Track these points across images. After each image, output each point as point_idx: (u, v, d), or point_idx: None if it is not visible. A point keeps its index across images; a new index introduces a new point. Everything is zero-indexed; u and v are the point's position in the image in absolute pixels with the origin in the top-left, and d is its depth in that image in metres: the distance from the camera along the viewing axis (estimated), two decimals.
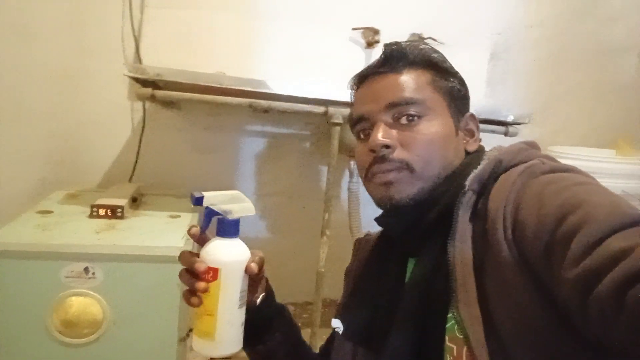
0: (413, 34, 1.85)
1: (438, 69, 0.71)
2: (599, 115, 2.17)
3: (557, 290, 0.50)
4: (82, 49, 1.71)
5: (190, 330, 1.28)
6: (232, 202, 0.62)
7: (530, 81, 2.10)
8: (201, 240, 0.65)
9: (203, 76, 1.34)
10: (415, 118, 0.68)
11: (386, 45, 0.73)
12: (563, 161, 1.88)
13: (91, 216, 1.32)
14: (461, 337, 0.58)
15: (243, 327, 0.63)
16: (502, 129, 1.52)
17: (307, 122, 1.90)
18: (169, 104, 1.76)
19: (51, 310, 1.07)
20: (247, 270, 0.62)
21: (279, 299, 0.79)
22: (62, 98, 1.71)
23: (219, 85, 1.30)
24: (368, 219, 1.85)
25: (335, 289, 2.00)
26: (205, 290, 0.59)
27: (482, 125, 1.52)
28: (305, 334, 1.63)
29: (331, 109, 1.40)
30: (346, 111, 1.41)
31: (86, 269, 1.10)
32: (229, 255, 0.60)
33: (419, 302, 0.67)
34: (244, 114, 1.84)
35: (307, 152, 1.95)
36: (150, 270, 1.12)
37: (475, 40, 1.92)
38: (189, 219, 1.42)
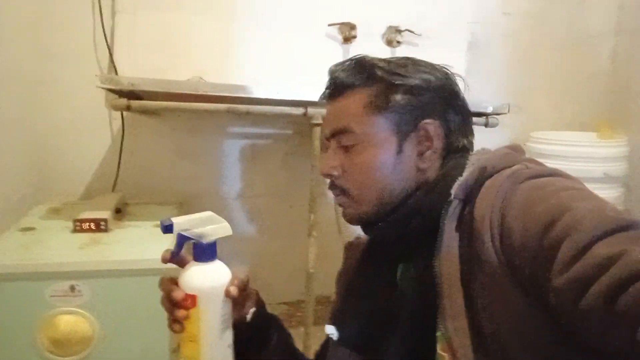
0: (389, 27, 1.84)
1: (379, 86, 0.69)
2: (575, 101, 2.19)
3: (547, 297, 0.50)
4: (54, 55, 1.68)
5: None
6: (205, 224, 0.61)
7: (507, 70, 2.11)
8: (180, 262, 0.64)
9: (178, 84, 1.32)
10: (350, 146, 0.69)
11: (329, 71, 0.74)
12: (546, 147, 1.90)
13: (75, 231, 1.31)
14: (449, 348, 0.58)
15: (231, 347, 0.63)
16: (482, 120, 1.53)
17: (288, 121, 1.90)
18: (147, 111, 1.74)
19: (39, 330, 1.07)
20: (226, 294, 0.61)
21: (272, 298, 0.80)
22: (36, 107, 1.68)
23: (195, 92, 1.29)
24: None
25: (327, 286, 2.01)
26: (186, 318, 0.59)
27: None
28: (299, 332, 1.65)
29: (310, 110, 1.40)
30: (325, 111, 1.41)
31: (72, 287, 1.09)
32: (206, 281, 0.60)
33: (407, 310, 0.67)
34: (226, 116, 1.83)
35: (290, 151, 1.94)
36: (137, 283, 1.12)
37: (453, 31, 1.92)
38: None
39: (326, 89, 0.74)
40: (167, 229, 0.58)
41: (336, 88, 0.71)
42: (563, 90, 2.19)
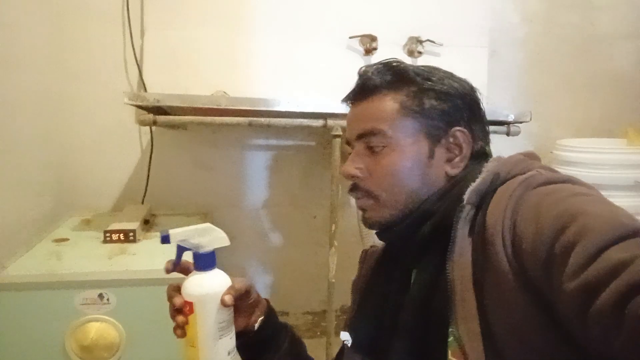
0: (410, 38, 1.85)
1: (410, 89, 0.70)
2: (601, 107, 2.13)
3: (557, 303, 0.50)
4: (86, 74, 1.76)
5: None
6: (202, 235, 0.63)
7: (528, 76, 2.08)
8: (185, 271, 0.68)
9: (201, 99, 1.37)
10: (379, 148, 0.69)
11: (359, 72, 0.74)
12: (573, 154, 1.85)
13: (105, 241, 1.37)
14: (461, 352, 0.58)
15: (232, 354, 0.65)
16: (503, 128, 1.51)
17: (309, 132, 1.92)
18: (173, 125, 1.80)
19: (69, 336, 1.11)
20: (221, 302, 0.63)
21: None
22: (68, 123, 1.77)
23: (217, 107, 1.33)
24: None
25: (349, 296, 2.02)
26: (185, 323, 0.62)
27: None
28: (322, 342, 1.65)
29: (330, 122, 1.42)
30: (344, 122, 1.42)
31: (100, 295, 1.13)
32: (201, 289, 0.63)
33: (418, 316, 0.68)
34: (247, 128, 1.87)
35: (313, 161, 1.97)
36: (160, 292, 1.14)
37: (474, 39, 1.91)
38: None
39: (354, 89, 0.74)
40: (164, 239, 0.62)
41: (366, 89, 0.71)
42: (587, 95, 2.13)
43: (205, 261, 0.63)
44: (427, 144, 0.70)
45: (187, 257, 0.67)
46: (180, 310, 0.63)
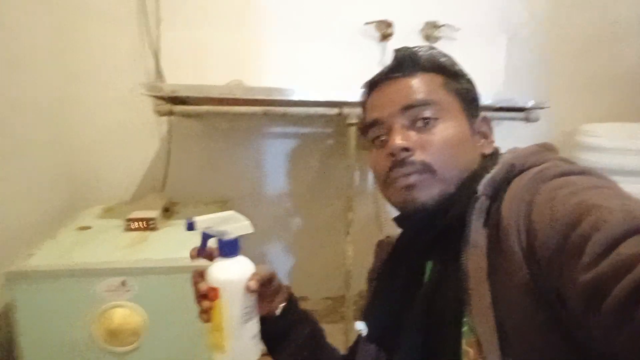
0: (427, 23, 1.83)
1: (448, 72, 0.72)
2: (618, 91, 2.08)
3: (568, 296, 0.50)
4: (106, 64, 1.79)
5: None
6: (227, 223, 0.65)
7: (546, 60, 2.03)
8: (210, 257, 0.69)
9: (217, 88, 1.38)
10: (432, 120, 0.68)
11: (396, 50, 0.74)
12: (594, 140, 1.79)
13: (126, 229, 1.40)
14: (476, 342, 0.58)
15: (256, 339, 0.67)
16: (521, 115, 1.49)
17: (326, 120, 1.92)
18: (191, 115, 1.82)
19: (95, 322, 1.15)
20: (246, 288, 0.65)
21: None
22: (84, 117, 1.80)
23: (232, 96, 1.34)
24: (395, 212, 1.87)
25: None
26: (210, 308, 0.64)
27: (501, 114, 1.50)
28: (341, 327, 1.68)
29: (345, 110, 1.42)
30: (360, 110, 1.42)
31: (123, 282, 1.17)
32: (226, 275, 0.64)
33: (431, 305, 0.68)
34: (265, 117, 1.88)
35: (330, 149, 1.97)
36: (180, 280, 1.18)
37: (492, 24, 1.87)
38: None
39: (395, 66, 0.72)
40: (190, 226, 0.63)
41: (408, 66, 0.71)
42: (612, 79, 2.08)
43: (230, 248, 0.65)
44: (467, 123, 0.71)
45: (210, 243, 0.69)
46: (206, 296, 0.64)
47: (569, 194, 0.54)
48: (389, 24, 1.78)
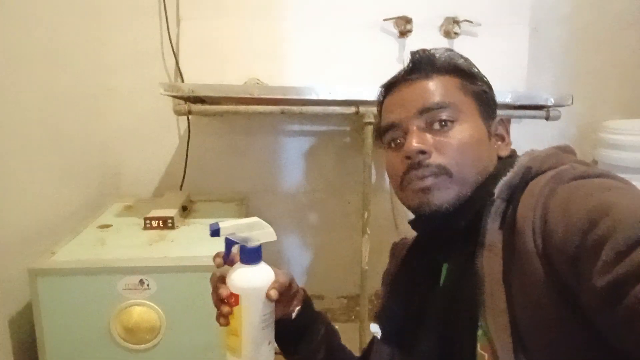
0: (447, 18, 1.80)
1: (465, 74, 0.72)
2: (636, 90, 2.00)
3: (585, 298, 0.50)
4: (125, 65, 1.82)
5: None
6: (251, 229, 0.65)
7: (567, 55, 1.97)
8: (230, 262, 0.69)
9: (234, 88, 1.39)
10: (449, 122, 0.67)
11: (413, 53, 0.74)
12: (620, 137, 1.75)
13: (145, 228, 1.42)
14: (490, 346, 0.58)
15: (271, 344, 0.67)
16: (542, 113, 1.46)
17: (344, 118, 1.92)
18: (209, 114, 1.83)
19: (114, 319, 1.17)
20: (267, 296, 0.65)
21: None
22: (110, 115, 1.83)
23: (250, 96, 1.34)
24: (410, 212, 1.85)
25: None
26: (230, 313, 0.64)
27: (521, 112, 1.47)
28: (356, 326, 1.68)
29: (362, 109, 1.41)
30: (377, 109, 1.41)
31: (141, 281, 1.19)
32: (248, 283, 0.64)
33: (447, 308, 0.68)
34: (282, 115, 1.88)
35: (346, 147, 1.96)
36: (197, 279, 1.20)
37: (514, 18, 1.83)
38: None
39: (412, 68, 0.72)
40: (215, 232, 0.63)
41: (424, 69, 0.71)
42: (633, 72, 2.01)
43: (253, 255, 0.64)
44: (484, 125, 0.71)
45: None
46: (224, 301, 0.65)
47: (585, 196, 0.54)
48: (408, 20, 1.75)
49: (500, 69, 0.76)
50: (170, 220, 1.43)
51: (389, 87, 0.75)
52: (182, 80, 1.77)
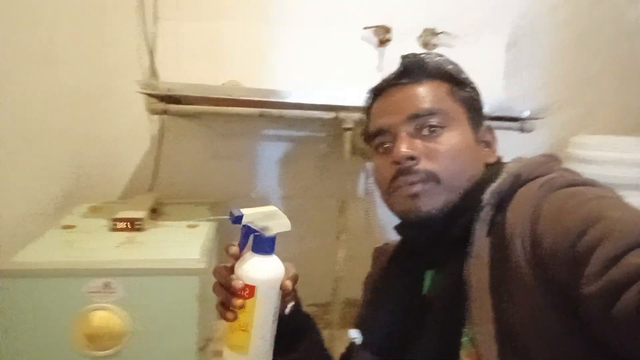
0: (425, 29, 1.82)
1: (455, 80, 0.72)
2: (624, 101, 2.07)
3: (577, 305, 0.50)
4: (100, 67, 1.75)
5: (210, 339, 1.31)
6: (269, 219, 0.62)
7: (550, 68, 2.02)
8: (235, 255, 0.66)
9: (213, 89, 1.35)
10: (438, 129, 0.67)
11: (403, 57, 0.73)
12: (587, 152, 1.80)
13: (112, 229, 1.36)
14: (475, 352, 0.58)
15: (273, 340, 0.65)
16: (516, 125, 1.48)
17: (322, 124, 1.90)
18: (185, 114, 1.79)
19: (75, 324, 1.12)
20: (281, 287, 0.63)
21: (302, 299, 0.80)
22: (83, 116, 1.76)
23: (229, 97, 1.32)
24: (385, 219, 1.85)
25: (355, 289, 2.00)
26: (242, 307, 0.60)
27: (496, 123, 1.49)
28: (326, 335, 1.65)
29: (341, 114, 1.40)
30: (357, 116, 1.41)
31: (107, 284, 1.13)
32: (266, 273, 0.61)
33: (435, 315, 0.67)
34: (259, 119, 1.85)
35: (323, 153, 1.95)
36: (167, 283, 1.15)
37: (491, 31, 1.87)
38: (206, 228, 1.44)
39: (402, 72, 0.72)
40: (238, 219, 0.60)
41: (415, 74, 0.71)
42: (612, 89, 2.07)
43: (269, 245, 0.62)
44: (472, 132, 0.71)
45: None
46: (236, 294, 0.61)
47: (575, 204, 0.54)
48: (387, 30, 1.77)
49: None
50: (139, 222, 1.38)
51: (378, 91, 0.75)
52: (157, 80, 1.72)
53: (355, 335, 0.77)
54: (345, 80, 1.77)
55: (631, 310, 0.42)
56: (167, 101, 1.42)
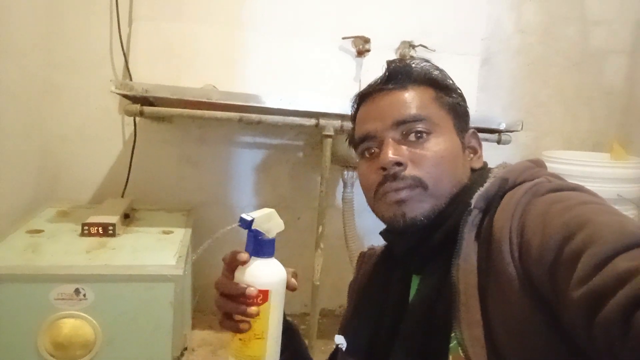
0: (403, 42, 1.85)
1: (440, 86, 0.71)
2: (589, 120, 2.17)
3: (562, 311, 0.49)
4: (68, 62, 1.71)
5: (185, 349, 1.27)
6: (269, 221, 0.61)
7: (519, 86, 2.10)
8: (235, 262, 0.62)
9: (192, 91, 1.33)
10: (424, 135, 0.67)
11: (389, 62, 0.73)
12: (559, 166, 1.86)
13: (82, 234, 1.31)
14: (463, 357, 0.56)
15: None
16: (494, 137, 1.51)
17: (299, 132, 1.90)
18: (159, 118, 1.75)
19: (42, 333, 1.06)
20: (289, 286, 0.61)
21: None
22: (48, 112, 1.70)
23: (207, 100, 1.29)
24: (363, 228, 1.85)
25: (331, 299, 2.00)
26: (257, 314, 0.57)
27: None
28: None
29: (322, 121, 1.39)
30: (337, 122, 1.40)
31: (77, 290, 1.08)
32: (276, 276, 0.59)
33: (421, 321, 0.66)
34: (236, 125, 1.83)
35: (300, 162, 1.94)
36: (142, 289, 1.11)
37: (467, 47, 1.92)
38: (181, 234, 1.40)
39: (388, 78, 0.71)
40: (249, 224, 0.58)
41: (401, 79, 0.70)
42: (577, 108, 2.16)
43: (271, 247, 0.60)
44: (458, 138, 0.71)
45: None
46: (250, 302, 0.58)
47: (562, 209, 0.54)
48: (366, 40, 1.78)
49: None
50: (111, 227, 1.33)
51: (364, 96, 0.74)
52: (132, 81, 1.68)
53: (340, 341, 0.75)
54: (324, 89, 1.77)
55: (617, 315, 0.42)
56: (141, 103, 1.38)
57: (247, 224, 0.58)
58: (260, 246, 0.59)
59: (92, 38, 1.72)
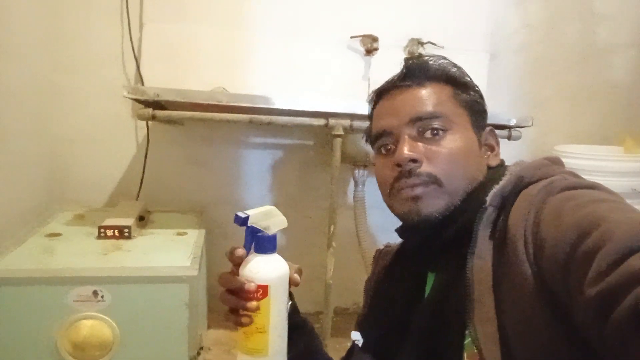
0: (411, 39, 1.85)
1: (458, 83, 0.71)
2: (596, 113, 2.15)
3: (576, 309, 0.49)
4: (83, 67, 1.73)
5: (201, 348, 1.29)
6: (269, 217, 0.62)
7: (526, 82, 2.08)
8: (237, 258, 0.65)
9: (202, 94, 1.35)
10: (440, 132, 0.67)
11: (407, 59, 0.73)
12: (569, 161, 1.83)
13: (99, 237, 1.34)
14: (477, 354, 0.57)
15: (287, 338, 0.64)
16: (504, 133, 1.51)
17: (308, 132, 1.91)
18: (171, 121, 1.77)
19: (61, 334, 1.09)
20: (291, 282, 0.62)
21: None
22: (62, 117, 1.73)
23: (218, 103, 1.31)
24: (373, 226, 1.85)
25: (344, 297, 2.00)
26: (257, 309, 0.59)
27: None
28: None
29: (331, 121, 1.40)
30: (347, 122, 1.41)
31: (95, 292, 1.11)
32: (276, 271, 0.61)
33: (435, 317, 0.66)
34: (246, 127, 1.85)
35: (310, 161, 1.95)
36: (158, 290, 1.13)
37: (475, 43, 1.91)
38: (195, 235, 1.42)
39: (405, 75, 0.71)
40: (244, 221, 0.59)
41: (418, 76, 0.70)
42: (585, 103, 2.14)
43: (272, 243, 0.62)
44: (475, 135, 0.71)
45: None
46: (249, 296, 0.60)
47: (576, 206, 0.54)
48: (374, 39, 1.78)
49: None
50: (127, 230, 1.35)
51: (381, 93, 0.74)
52: (143, 85, 1.70)
53: (356, 337, 0.76)
54: (333, 88, 1.78)
55: (631, 314, 0.42)
56: (153, 107, 1.40)
57: (241, 221, 0.59)
58: (260, 242, 0.61)
59: (101, 41, 1.74)
